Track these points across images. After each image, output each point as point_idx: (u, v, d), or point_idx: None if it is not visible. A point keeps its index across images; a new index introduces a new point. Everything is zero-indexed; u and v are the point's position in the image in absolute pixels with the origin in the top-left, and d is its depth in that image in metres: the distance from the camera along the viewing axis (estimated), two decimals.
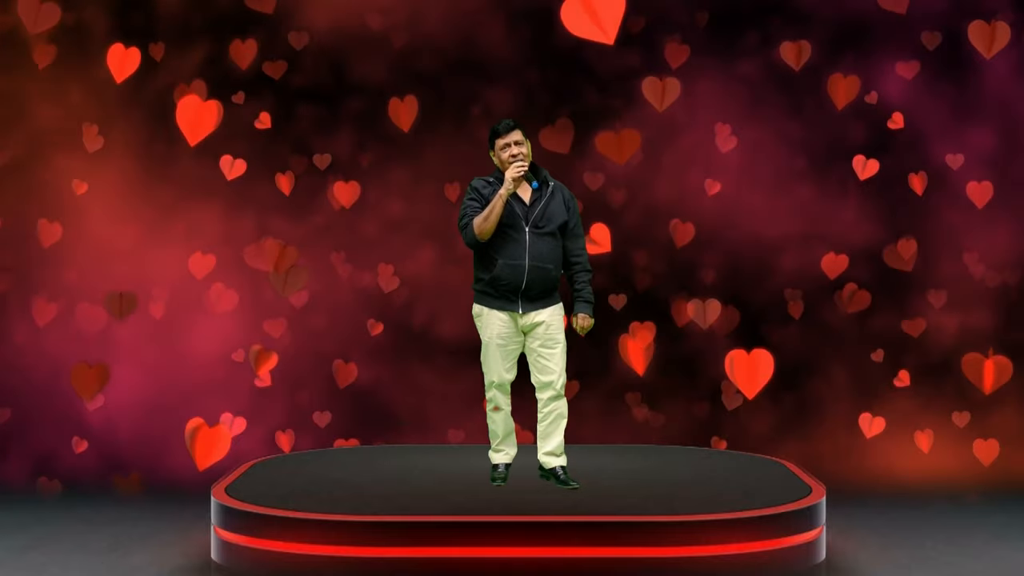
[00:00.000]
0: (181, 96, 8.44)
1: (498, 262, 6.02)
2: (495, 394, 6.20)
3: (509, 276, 6.01)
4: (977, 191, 8.57)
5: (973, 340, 8.59)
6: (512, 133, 6.04)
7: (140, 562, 6.17)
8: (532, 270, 6.01)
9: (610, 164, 8.72)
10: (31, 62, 8.55)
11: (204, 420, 8.27)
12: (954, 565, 6.12)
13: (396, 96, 8.69)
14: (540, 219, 6.04)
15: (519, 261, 6.00)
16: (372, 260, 8.75)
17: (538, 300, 6.07)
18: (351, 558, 5.41)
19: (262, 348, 8.59)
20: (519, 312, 6.07)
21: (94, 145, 8.55)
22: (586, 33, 8.03)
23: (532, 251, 6.01)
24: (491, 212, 5.94)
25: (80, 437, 8.52)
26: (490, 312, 6.11)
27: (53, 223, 8.57)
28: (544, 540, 5.40)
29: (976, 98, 8.67)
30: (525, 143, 6.05)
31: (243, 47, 8.59)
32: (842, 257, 8.65)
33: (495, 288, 6.06)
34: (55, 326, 8.58)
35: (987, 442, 8.47)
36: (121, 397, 8.58)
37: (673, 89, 8.59)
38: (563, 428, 6.18)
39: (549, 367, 6.08)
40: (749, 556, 5.46)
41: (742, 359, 8.42)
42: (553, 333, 6.09)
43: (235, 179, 8.57)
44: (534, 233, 6.02)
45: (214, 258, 8.61)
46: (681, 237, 8.72)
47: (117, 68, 8.33)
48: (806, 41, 8.58)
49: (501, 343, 6.10)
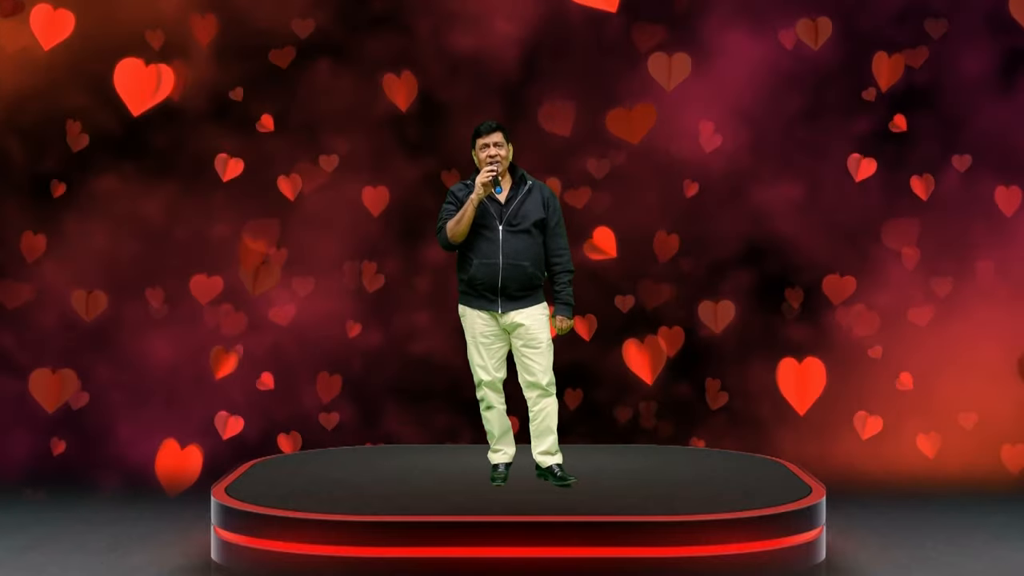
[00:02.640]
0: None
1: (473, 261, 6.08)
2: (486, 392, 6.25)
3: (484, 275, 6.06)
4: (1004, 195, 8.59)
5: (973, 340, 8.60)
6: (492, 135, 6.08)
7: (140, 562, 6.17)
8: (507, 268, 6.05)
9: (611, 160, 8.72)
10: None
11: (175, 440, 8.31)
12: (954, 565, 6.12)
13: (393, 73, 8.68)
14: (514, 217, 6.08)
15: (493, 260, 6.05)
16: (372, 260, 8.74)
17: (518, 299, 6.10)
18: (351, 558, 5.41)
19: (222, 349, 8.55)
20: (499, 312, 6.11)
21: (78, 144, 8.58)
22: (589, 1, 7.95)
23: (506, 249, 6.05)
24: (462, 216, 6.02)
25: (80, 437, 8.51)
26: (472, 312, 6.18)
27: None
28: (544, 540, 5.40)
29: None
30: (505, 146, 6.10)
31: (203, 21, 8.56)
32: (841, 257, 8.66)
33: (473, 288, 6.13)
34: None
35: (987, 442, 8.48)
36: (121, 397, 8.57)
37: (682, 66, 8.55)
38: (555, 426, 6.19)
39: (533, 367, 6.12)
40: (749, 556, 5.47)
41: (791, 368, 8.44)
42: (535, 333, 6.12)
43: (231, 179, 8.58)
44: (508, 231, 6.06)
45: (215, 260, 8.61)
46: (681, 239, 8.73)
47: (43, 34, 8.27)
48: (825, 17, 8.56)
49: (485, 341, 6.16)
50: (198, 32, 8.46)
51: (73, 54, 8.50)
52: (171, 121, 8.61)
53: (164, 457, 8.27)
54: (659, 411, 8.69)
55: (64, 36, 8.35)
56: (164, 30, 8.50)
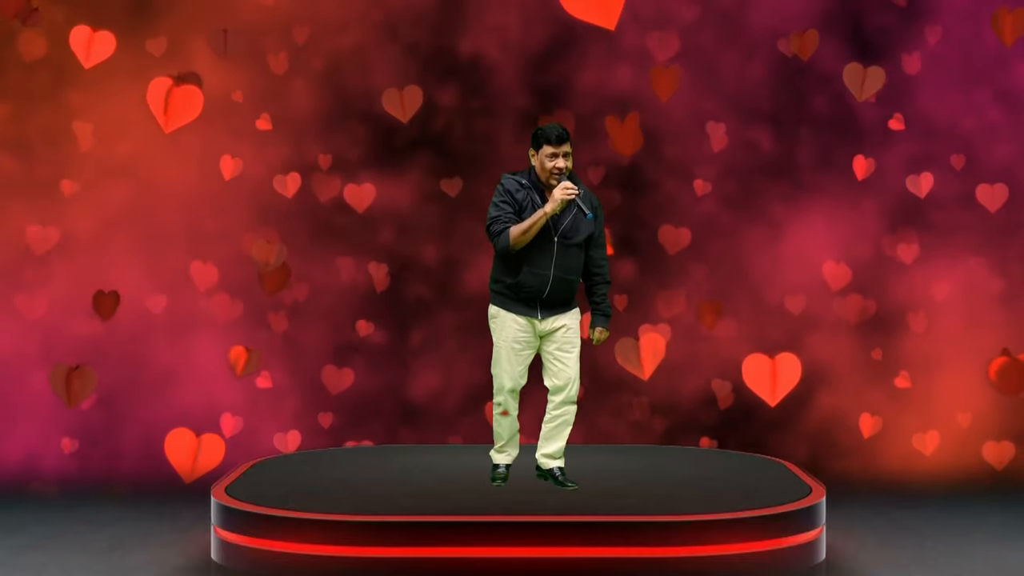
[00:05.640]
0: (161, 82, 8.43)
1: (523, 269, 5.94)
2: (506, 398, 6.12)
3: (533, 284, 5.94)
4: (988, 193, 8.60)
5: (975, 340, 8.61)
6: (564, 144, 5.88)
7: (140, 562, 6.17)
8: (556, 280, 5.95)
9: (610, 160, 8.72)
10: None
11: (191, 429, 8.32)
12: (954, 565, 6.12)
13: (395, 87, 8.69)
14: (570, 230, 5.95)
15: (545, 271, 5.93)
16: (371, 259, 8.74)
17: (557, 307, 6.03)
18: (351, 558, 5.41)
19: (244, 350, 8.57)
20: (538, 318, 6.01)
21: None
22: (588, 17, 7.97)
23: (558, 262, 5.94)
24: (531, 227, 5.83)
25: (80, 436, 8.51)
26: (506, 315, 6.03)
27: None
28: (544, 540, 5.40)
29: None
30: (570, 158, 5.94)
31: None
32: (841, 257, 8.66)
33: (516, 293, 5.99)
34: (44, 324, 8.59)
35: (988, 442, 8.48)
36: (121, 397, 8.57)
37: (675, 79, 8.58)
38: (567, 434, 6.16)
39: (566, 371, 6.03)
40: (749, 556, 5.47)
41: (763, 364, 8.45)
42: (571, 337, 6.05)
43: (232, 179, 8.59)
44: (562, 244, 5.94)
45: (214, 258, 8.61)
46: (681, 239, 8.72)
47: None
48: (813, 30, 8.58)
49: (517, 347, 6.03)
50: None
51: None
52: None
53: (177, 442, 8.29)
54: (660, 410, 8.70)
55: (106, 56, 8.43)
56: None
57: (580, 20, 8.15)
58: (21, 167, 8.58)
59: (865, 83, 8.48)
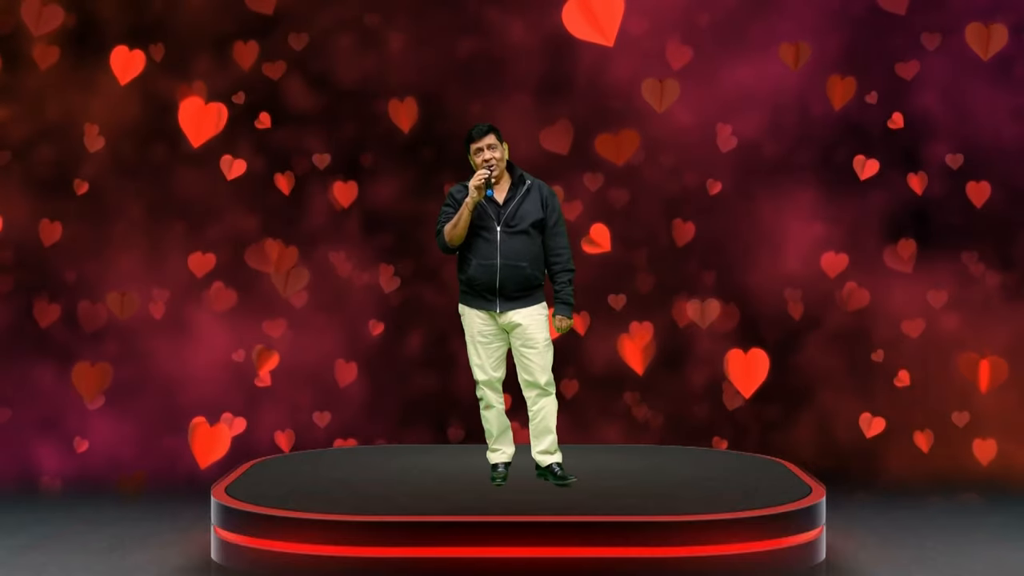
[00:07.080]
0: (183, 98, 8.49)
1: (472, 262, 6.10)
2: (485, 392, 6.26)
3: (482, 275, 6.08)
4: (976, 190, 8.60)
5: (972, 340, 8.60)
6: (484, 138, 6.09)
7: (140, 562, 6.17)
8: (504, 268, 6.06)
9: (609, 164, 8.73)
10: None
11: (205, 419, 8.33)
12: (954, 565, 6.12)
13: (396, 98, 8.71)
14: (512, 218, 6.09)
15: (491, 260, 6.06)
16: (373, 260, 8.75)
17: (516, 299, 6.12)
18: (351, 558, 5.41)
19: (264, 348, 8.60)
20: (497, 311, 6.12)
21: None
22: (586, 35, 8.06)
23: (504, 250, 6.06)
24: (458, 219, 6.05)
25: (80, 437, 8.51)
26: (469, 311, 6.20)
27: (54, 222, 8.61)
28: (544, 540, 5.41)
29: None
30: (499, 147, 6.10)
31: (245, 48, 8.61)
32: (842, 256, 8.65)
33: (471, 288, 6.15)
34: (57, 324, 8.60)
35: (986, 442, 8.48)
36: (122, 397, 8.57)
37: (672, 91, 8.60)
38: (554, 425, 6.20)
39: (532, 366, 6.13)
40: (749, 556, 5.47)
41: (739, 358, 8.49)
42: (533, 333, 6.13)
43: (235, 179, 8.60)
44: (506, 232, 6.08)
45: (214, 257, 8.61)
46: (681, 237, 8.72)
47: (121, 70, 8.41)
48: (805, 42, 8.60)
49: (483, 340, 6.18)
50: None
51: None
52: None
53: (197, 431, 8.35)
54: (658, 410, 8.70)
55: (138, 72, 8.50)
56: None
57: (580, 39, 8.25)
58: (21, 165, 8.61)
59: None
